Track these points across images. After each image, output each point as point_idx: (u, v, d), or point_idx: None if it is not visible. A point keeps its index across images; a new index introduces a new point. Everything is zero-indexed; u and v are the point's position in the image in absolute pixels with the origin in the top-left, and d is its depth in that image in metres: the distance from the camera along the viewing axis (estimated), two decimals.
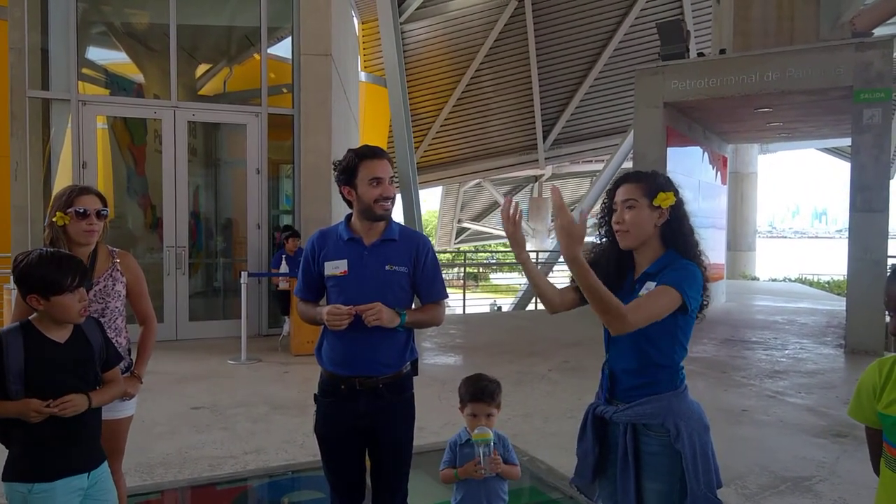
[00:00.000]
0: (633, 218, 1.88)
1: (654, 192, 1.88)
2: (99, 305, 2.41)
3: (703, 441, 1.85)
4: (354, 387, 2.18)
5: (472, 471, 2.28)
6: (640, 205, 1.88)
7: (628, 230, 1.89)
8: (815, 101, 8.51)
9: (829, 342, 8.05)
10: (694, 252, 1.91)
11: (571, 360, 6.66)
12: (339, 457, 2.26)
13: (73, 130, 7.14)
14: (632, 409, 1.86)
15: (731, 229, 16.06)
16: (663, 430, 1.82)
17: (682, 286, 1.79)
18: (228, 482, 3.49)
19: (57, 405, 1.86)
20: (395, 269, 2.19)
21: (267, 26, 7.84)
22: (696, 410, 1.89)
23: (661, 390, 1.85)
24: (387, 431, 2.22)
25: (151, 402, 4.68)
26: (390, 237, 2.24)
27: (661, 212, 1.88)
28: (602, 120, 21.15)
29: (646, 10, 19.04)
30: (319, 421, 2.28)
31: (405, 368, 2.26)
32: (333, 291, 2.22)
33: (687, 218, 1.94)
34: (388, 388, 2.20)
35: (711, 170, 11.11)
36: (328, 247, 2.24)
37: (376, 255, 2.20)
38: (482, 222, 32.88)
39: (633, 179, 1.94)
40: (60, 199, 2.37)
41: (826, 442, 4.28)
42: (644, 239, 1.89)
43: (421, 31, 19.58)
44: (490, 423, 2.35)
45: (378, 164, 2.19)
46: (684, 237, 1.90)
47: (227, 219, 9.02)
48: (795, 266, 27.35)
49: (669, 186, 1.92)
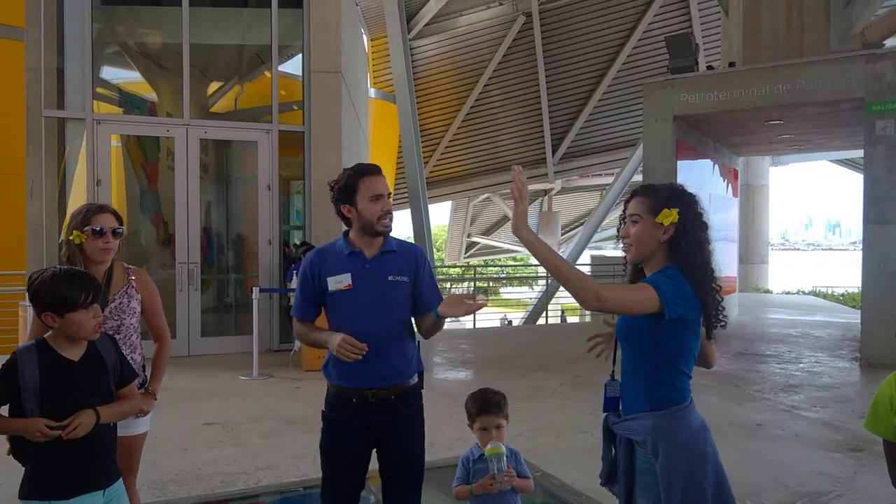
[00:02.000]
0: (636, 233, 1.89)
1: (658, 209, 1.87)
2: (114, 322, 2.43)
3: (690, 467, 1.78)
4: (367, 399, 2.18)
5: (488, 485, 2.28)
6: (643, 220, 1.89)
7: (632, 244, 1.91)
8: (827, 113, 8.47)
9: (845, 355, 7.95)
10: (698, 273, 1.84)
11: (583, 375, 6.61)
12: (344, 473, 2.24)
13: (87, 148, 7.24)
14: (625, 422, 1.89)
15: (744, 242, 15.97)
16: (647, 447, 1.83)
17: (658, 286, 1.77)
18: (241, 498, 3.48)
19: (65, 428, 1.85)
20: (398, 280, 2.23)
21: (278, 44, 7.94)
22: (689, 434, 1.82)
23: (652, 408, 1.83)
24: (402, 442, 2.23)
25: (164, 419, 4.69)
26: (389, 249, 2.27)
27: (664, 228, 1.87)
28: (611, 133, 21.17)
29: (654, 23, 19.13)
30: (327, 437, 2.26)
31: (413, 380, 2.28)
32: (338, 306, 2.22)
33: (694, 235, 1.88)
34: (399, 400, 2.22)
35: (722, 182, 11.06)
36: (328, 263, 2.25)
37: (378, 267, 2.23)
38: (492, 236, 32.85)
39: (640, 193, 1.95)
40: (77, 218, 2.40)
41: (842, 456, 4.22)
42: (648, 254, 1.90)
43: (430, 47, 19.76)
44: (500, 435, 2.35)
45: (377, 180, 2.22)
46: (686, 255, 1.85)
47: (238, 235, 9.09)
48: (809, 278, 27.08)
49: (676, 203, 1.88)
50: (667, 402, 1.82)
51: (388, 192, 2.23)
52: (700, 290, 1.83)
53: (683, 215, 1.87)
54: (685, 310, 1.81)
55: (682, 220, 1.87)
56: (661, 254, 1.90)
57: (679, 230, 1.87)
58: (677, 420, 1.82)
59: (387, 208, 2.22)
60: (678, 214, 1.86)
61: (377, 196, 2.19)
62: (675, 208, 1.87)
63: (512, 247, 34.02)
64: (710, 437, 1.86)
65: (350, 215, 2.23)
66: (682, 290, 1.80)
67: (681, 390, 1.85)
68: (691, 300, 1.82)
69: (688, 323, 1.83)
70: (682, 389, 1.86)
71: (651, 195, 1.92)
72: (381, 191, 2.20)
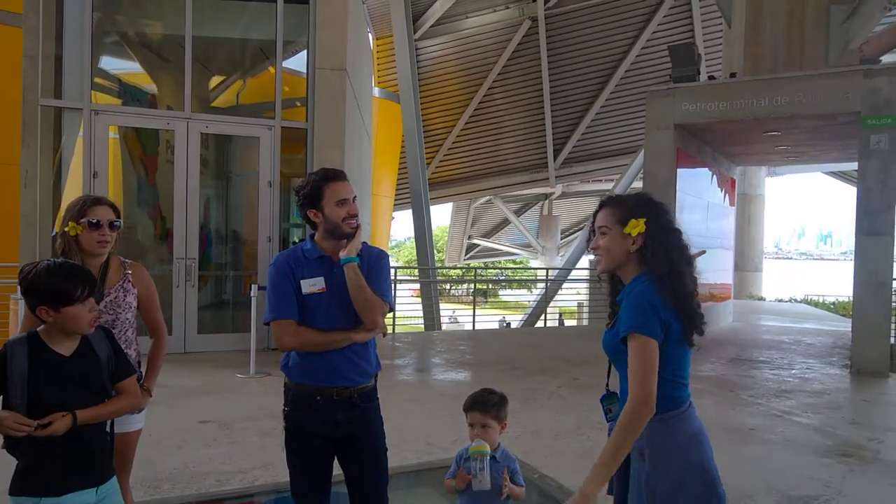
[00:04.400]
0: (605, 244, 1.91)
1: (626, 220, 1.87)
2: (109, 317, 2.40)
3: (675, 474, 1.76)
4: (331, 397, 2.22)
5: (462, 481, 2.31)
6: (611, 232, 1.90)
7: (602, 256, 1.92)
8: (824, 125, 8.55)
9: (835, 362, 8.03)
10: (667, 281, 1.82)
11: (581, 378, 6.61)
12: (311, 470, 2.27)
13: (84, 139, 7.14)
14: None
15: (739, 250, 16.01)
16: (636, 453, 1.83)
17: (641, 327, 1.75)
18: (236, 498, 3.45)
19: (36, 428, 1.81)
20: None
21: (282, 39, 7.90)
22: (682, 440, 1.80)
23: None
24: (367, 437, 2.28)
25: (159, 416, 4.65)
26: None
27: (632, 238, 1.87)
28: (612, 140, 21.23)
29: (657, 32, 19.20)
30: (292, 436, 2.28)
31: (374, 378, 2.34)
32: (310, 308, 2.22)
33: (663, 244, 1.86)
34: (361, 398, 2.27)
35: (720, 191, 11.10)
36: (300, 265, 2.26)
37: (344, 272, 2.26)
38: (492, 239, 32.88)
39: (607, 205, 1.95)
40: (73, 209, 2.37)
41: (832, 461, 4.27)
42: (618, 264, 1.91)
43: (435, 48, 19.77)
44: (487, 435, 2.35)
45: (341, 185, 2.27)
46: (654, 264, 1.84)
47: (236, 231, 9.05)
48: (801, 287, 27.20)
49: (642, 212, 1.88)
50: (659, 409, 1.77)
51: (353, 195, 2.28)
52: (671, 298, 1.81)
53: (651, 224, 1.87)
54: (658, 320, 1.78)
55: (650, 230, 1.86)
56: (632, 263, 1.90)
57: (647, 240, 1.86)
58: (670, 426, 1.80)
59: (352, 212, 2.26)
60: (644, 224, 1.86)
61: (342, 200, 2.24)
62: (642, 218, 1.87)
63: (512, 249, 34.06)
64: (704, 447, 1.82)
65: (316, 219, 2.27)
66: (644, 306, 1.78)
67: (674, 398, 1.82)
68: (664, 311, 1.80)
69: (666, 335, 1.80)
70: (675, 397, 1.82)
71: (617, 206, 1.92)
72: (346, 195, 2.25)
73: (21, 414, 1.83)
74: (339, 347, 2.21)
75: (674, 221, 1.93)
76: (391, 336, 10.03)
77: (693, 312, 1.84)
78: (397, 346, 8.65)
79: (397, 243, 53.96)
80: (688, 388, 1.87)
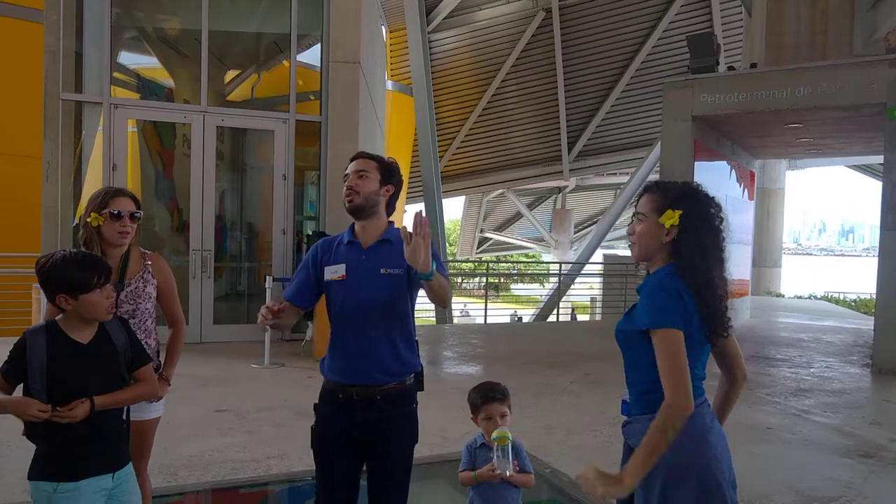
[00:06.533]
0: (640, 231, 1.83)
1: (663, 209, 1.79)
2: (130, 307, 2.43)
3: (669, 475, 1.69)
4: (351, 396, 2.12)
5: (489, 474, 2.26)
6: (647, 220, 1.82)
7: (635, 243, 1.85)
8: (848, 117, 8.38)
9: (856, 361, 7.90)
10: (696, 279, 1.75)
11: (593, 373, 6.59)
12: (331, 467, 2.17)
13: (104, 133, 7.26)
14: (626, 426, 1.85)
15: (757, 245, 15.85)
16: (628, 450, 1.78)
17: (662, 321, 1.69)
18: (251, 486, 3.51)
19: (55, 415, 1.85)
20: (390, 273, 2.14)
21: (297, 33, 7.93)
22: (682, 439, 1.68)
23: (648, 410, 1.74)
24: (382, 445, 2.13)
25: (176, 404, 4.71)
26: (386, 238, 2.20)
27: (666, 229, 1.79)
28: (628, 132, 21.05)
29: (675, 22, 18.96)
30: (317, 430, 2.21)
31: (408, 380, 2.19)
32: (332, 297, 2.19)
33: (697, 240, 1.77)
34: (386, 400, 2.12)
35: (738, 185, 10.97)
36: (331, 252, 2.24)
37: (373, 259, 2.17)
38: (504, 232, 32.82)
39: (650, 190, 1.87)
40: (95, 201, 2.40)
41: (853, 462, 4.20)
42: (650, 254, 1.84)
43: (448, 40, 19.70)
44: (506, 424, 2.34)
45: (351, 164, 2.26)
46: (687, 259, 1.76)
47: (251, 223, 9.11)
48: (821, 283, 26.85)
49: (682, 204, 1.79)
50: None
51: (357, 169, 2.20)
52: (697, 297, 1.74)
53: (688, 218, 1.77)
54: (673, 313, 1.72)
55: (685, 223, 1.77)
56: (663, 254, 1.82)
57: (681, 233, 1.77)
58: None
59: (348, 183, 2.20)
60: (680, 217, 1.77)
61: (345, 176, 2.23)
62: (679, 210, 1.77)
63: (524, 243, 33.97)
64: (708, 446, 1.73)
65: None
66: (659, 298, 1.72)
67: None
68: (686, 297, 1.73)
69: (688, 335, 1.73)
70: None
71: (660, 193, 1.83)
72: (348, 171, 2.23)
73: (41, 401, 1.87)
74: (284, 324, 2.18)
75: (715, 218, 1.82)
76: None
77: (718, 313, 1.77)
78: None
79: None
80: (701, 387, 1.79)
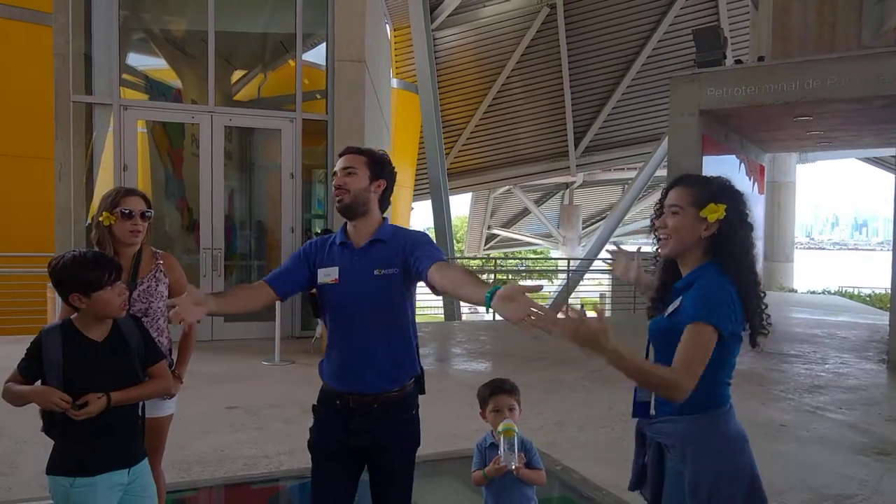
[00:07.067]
0: (675, 225, 1.76)
1: (704, 202, 1.74)
2: (142, 305, 2.45)
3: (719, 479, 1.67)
4: (348, 404, 2.05)
5: (495, 467, 2.24)
6: (685, 213, 1.75)
7: (668, 237, 1.78)
8: (858, 109, 8.30)
9: (871, 357, 7.82)
10: (742, 276, 1.73)
11: (604, 370, 6.51)
12: (327, 473, 2.09)
13: (114, 134, 7.31)
14: (655, 425, 1.80)
15: (769, 239, 15.75)
16: (677, 452, 1.74)
17: (709, 317, 1.64)
18: (262, 482, 3.53)
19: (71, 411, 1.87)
20: (384, 273, 2.03)
21: (302, 33, 7.95)
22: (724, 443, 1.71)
23: (686, 410, 1.70)
24: (382, 455, 2.06)
25: (188, 401, 4.72)
26: (379, 238, 2.08)
27: (707, 224, 1.74)
28: (635, 127, 20.95)
29: (680, 16, 18.85)
30: (314, 432, 2.15)
31: (408, 386, 2.11)
32: (327, 301, 2.09)
33: (741, 235, 1.76)
34: (384, 409, 2.04)
35: (748, 179, 10.90)
36: (324, 252, 2.13)
37: (366, 260, 2.06)
38: (512, 229, 32.76)
39: (685, 183, 1.81)
40: (107, 200, 2.44)
41: (869, 459, 4.16)
42: (684, 249, 1.77)
43: (453, 37, 19.68)
44: (514, 418, 2.33)
45: (339, 160, 2.13)
46: (731, 256, 1.73)
47: (260, 222, 9.15)
48: (835, 278, 26.61)
49: (723, 198, 1.76)
50: (702, 408, 1.71)
51: (344, 166, 2.08)
52: (744, 296, 1.73)
53: (730, 213, 1.74)
54: (735, 325, 1.71)
55: (729, 219, 1.74)
56: (698, 250, 1.77)
57: (724, 229, 1.74)
58: (713, 427, 1.73)
59: (337, 183, 2.08)
60: (725, 211, 1.73)
61: (334, 174, 2.12)
62: (723, 204, 1.73)
63: (532, 240, 33.91)
64: (748, 448, 1.75)
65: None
66: (725, 298, 1.69)
67: (719, 396, 1.75)
68: (737, 305, 1.71)
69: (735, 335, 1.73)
70: (721, 395, 1.76)
71: (698, 186, 1.78)
72: (336, 168, 2.12)
73: None
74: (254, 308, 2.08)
75: (750, 215, 1.81)
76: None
77: (760, 311, 1.76)
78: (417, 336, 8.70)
79: None
80: (730, 388, 1.80)
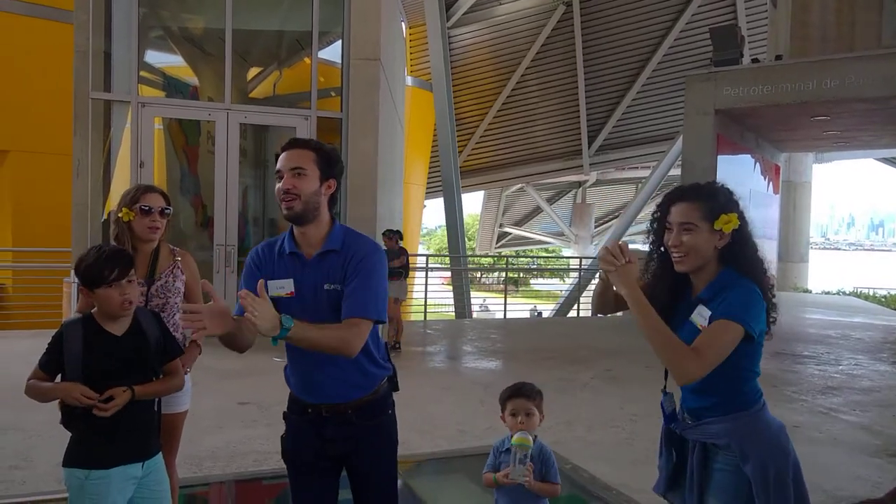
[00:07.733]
0: (691, 242, 1.74)
1: (716, 215, 1.74)
2: (160, 300, 2.50)
3: (779, 467, 1.73)
4: (321, 413, 1.95)
5: (503, 479, 2.25)
6: (699, 229, 1.74)
7: (686, 254, 1.75)
8: (876, 109, 8.23)
9: (886, 359, 7.76)
10: (761, 276, 1.78)
11: (614, 369, 6.57)
12: (309, 485, 2.00)
13: (132, 131, 7.38)
14: (699, 427, 1.81)
15: (783, 239, 15.59)
16: (731, 451, 1.76)
17: (743, 318, 1.68)
18: (273, 478, 3.56)
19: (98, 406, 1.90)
20: (333, 288, 1.86)
21: (318, 31, 7.98)
22: (772, 433, 1.79)
23: (731, 410, 1.76)
24: (362, 460, 1.97)
25: (199, 397, 4.76)
26: (331, 248, 1.89)
27: (721, 234, 1.74)
28: (649, 126, 20.83)
29: (697, 14, 18.71)
30: (288, 440, 2.04)
31: (381, 388, 1.99)
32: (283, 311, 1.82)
33: (751, 238, 1.80)
34: (358, 414, 1.94)
35: (763, 179, 10.83)
36: (273, 263, 1.95)
37: (318, 272, 1.88)
38: (524, 227, 32.72)
39: (691, 197, 1.78)
40: (127, 196, 2.49)
41: (882, 462, 4.14)
42: (703, 263, 1.78)
43: (468, 35, 19.67)
44: (531, 423, 2.32)
45: (283, 155, 1.88)
46: (747, 259, 1.77)
47: (273, 219, 9.21)
48: (850, 279, 26.32)
49: (732, 206, 1.77)
50: (750, 403, 1.77)
51: (292, 166, 1.84)
52: (766, 295, 1.78)
53: (741, 219, 1.77)
54: (763, 325, 1.76)
55: (740, 224, 1.76)
56: (713, 260, 1.79)
57: (736, 235, 1.76)
58: (758, 419, 1.78)
59: (284, 187, 1.83)
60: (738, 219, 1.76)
61: (277, 173, 1.87)
62: (734, 213, 1.75)
63: (544, 238, 33.84)
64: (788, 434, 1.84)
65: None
66: (758, 302, 1.74)
67: (756, 391, 1.81)
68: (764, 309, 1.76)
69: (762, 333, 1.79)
70: (758, 390, 1.82)
71: (705, 199, 1.77)
72: (280, 166, 1.86)
73: None
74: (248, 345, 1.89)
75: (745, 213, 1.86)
76: (422, 323, 10.10)
77: (769, 299, 1.81)
78: (428, 334, 8.73)
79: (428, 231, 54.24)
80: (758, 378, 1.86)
